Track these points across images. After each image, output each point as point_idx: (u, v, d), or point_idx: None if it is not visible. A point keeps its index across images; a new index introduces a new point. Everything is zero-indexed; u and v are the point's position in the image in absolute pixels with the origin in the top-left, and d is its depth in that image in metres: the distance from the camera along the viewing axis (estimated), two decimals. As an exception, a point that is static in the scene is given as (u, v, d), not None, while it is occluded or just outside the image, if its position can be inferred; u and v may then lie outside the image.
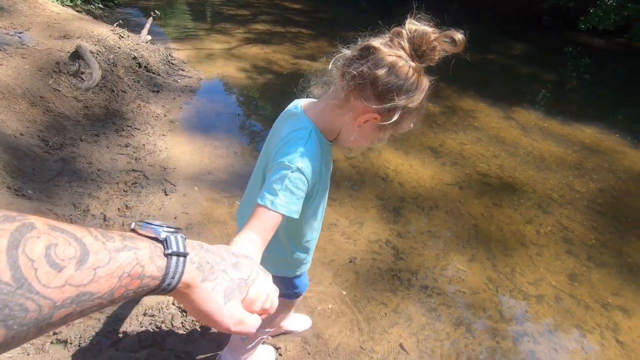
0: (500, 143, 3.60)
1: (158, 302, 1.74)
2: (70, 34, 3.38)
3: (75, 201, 2.19)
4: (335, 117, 0.90)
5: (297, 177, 0.83)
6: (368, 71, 0.81)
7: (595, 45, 7.80)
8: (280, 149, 0.88)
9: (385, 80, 0.80)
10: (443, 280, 2.10)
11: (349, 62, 0.85)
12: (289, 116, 0.99)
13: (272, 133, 1.05)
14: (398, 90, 0.81)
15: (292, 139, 0.88)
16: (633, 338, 1.91)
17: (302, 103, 0.99)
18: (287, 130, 0.92)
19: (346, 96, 0.85)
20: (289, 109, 1.02)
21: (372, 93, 0.82)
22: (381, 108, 0.82)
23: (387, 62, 0.80)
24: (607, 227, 2.65)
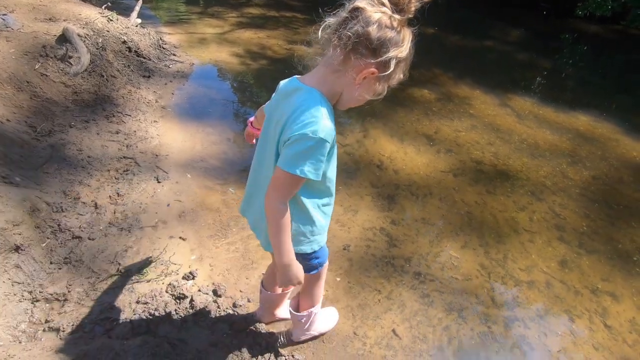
0: (495, 130, 3.60)
1: (151, 290, 1.73)
2: (57, 16, 3.27)
3: (66, 188, 2.15)
4: (335, 80, 0.98)
5: (322, 145, 0.94)
6: (361, 29, 0.88)
7: (592, 32, 7.75)
8: (295, 120, 0.94)
9: (377, 35, 0.89)
10: (436, 266, 2.12)
11: (340, 25, 0.92)
12: (290, 92, 1.02)
13: (274, 113, 1.06)
14: (390, 42, 0.90)
15: (306, 109, 0.94)
16: (621, 322, 1.94)
17: (297, 78, 1.05)
18: (297, 103, 0.97)
19: (344, 57, 0.93)
20: (285, 88, 1.06)
21: (367, 50, 0.90)
22: (378, 61, 0.91)
23: (376, 19, 0.88)
24: (599, 214, 2.68)
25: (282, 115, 1.01)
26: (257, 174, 1.17)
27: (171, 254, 1.95)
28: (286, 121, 0.98)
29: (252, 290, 1.83)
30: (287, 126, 0.97)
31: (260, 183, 1.15)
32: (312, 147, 0.93)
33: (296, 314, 1.47)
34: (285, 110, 1.00)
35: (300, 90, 1.00)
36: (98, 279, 1.75)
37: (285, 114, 0.99)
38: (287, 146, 0.96)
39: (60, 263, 1.78)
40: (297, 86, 1.01)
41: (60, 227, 1.93)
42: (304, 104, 0.96)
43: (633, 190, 2.97)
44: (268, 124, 1.10)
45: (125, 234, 2.00)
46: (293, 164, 0.94)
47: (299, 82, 1.02)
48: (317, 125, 0.92)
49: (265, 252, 2.04)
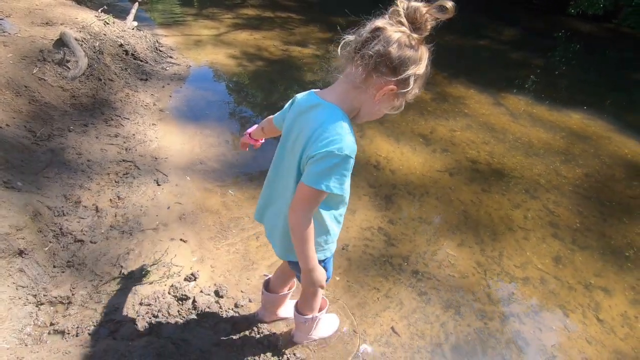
0: (489, 129, 3.65)
1: (154, 292, 1.76)
2: (54, 20, 3.28)
3: (66, 192, 2.17)
4: (356, 96, 1.01)
5: (347, 162, 0.98)
6: (382, 49, 0.91)
7: (585, 30, 7.84)
8: (319, 137, 0.97)
9: (397, 54, 0.92)
10: (433, 264, 2.16)
11: (362, 45, 0.94)
12: (310, 108, 1.04)
13: (292, 127, 1.08)
14: (409, 60, 0.93)
15: (329, 126, 0.97)
16: (613, 316, 2.00)
17: (315, 93, 1.06)
18: (319, 119, 1.00)
19: (366, 75, 0.96)
20: (304, 102, 1.07)
21: (388, 68, 0.94)
22: (398, 79, 0.95)
23: (396, 38, 0.92)
24: (592, 211, 2.73)
25: (302, 130, 1.03)
26: (274, 185, 1.20)
27: (172, 256, 1.97)
28: (309, 137, 1.00)
29: (253, 290, 1.87)
30: (310, 143, 0.99)
31: (277, 194, 1.18)
32: (338, 164, 0.97)
33: (300, 316, 1.50)
34: (307, 126, 1.02)
35: (320, 106, 1.02)
36: (101, 282, 1.77)
37: (307, 130, 1.01)
38: (312, 163, 0.98)
39: (63, 266, 1.81)
40: (318, 102, 1.03)
41: (62, 231, 1.95)
42: (326, 120, 0.98)
43: (624, 187, 3.03)
44: (286, 137, 1.11)
45: (126, 236, 2.03)
46: (319, 180, 0.97)
47: (318, 98, 1.04)
48: (342, 143, 0.96)
49: (265, 253, 2.08)
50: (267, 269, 1.99)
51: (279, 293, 1.58)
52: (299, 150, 1.03)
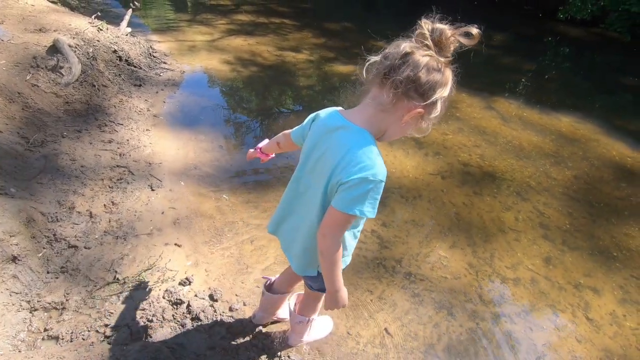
0: (481, 133, 3.70)
1: (149, 296, 1.77)
2: (47, 27, 3.29)
3: (60, 198, 2.17)
4: (383, 118, 1.00)
5: (380, 186, 0.99)
6: (412, 74, 0.91)
7: (573, 35, 7.98)
8: (351, 162, 0.97)
9: (426, 79, 0.92)
10: (426, 266, 2.19)
11: (390, 70, 0.93)
12: (336, 129, 1.03)
13: (316, 147, 1.07)
14: (437, 84, 0.94)
15: (361, 151, 0.97)
16: (602, 315, 2.03)
17: (340, 113, 1.06)
18: (349, 144, 0.99)
19: (396, 100, 0.95)
20: (329, 123, 1.06)
21: (417, 93, 0.94)
22: (427, 103, 0.95)
23: (424, 63, 0.91)
24: (581, 212, 2.78)
25: (327, 152, 1.03)
26: (294, 202, 1.20)
27: (167, 260, 1.98)
28: (338, 162, 0.99)
29: (247, 294, 1.88)
30: (340, 168, 0.98)
31: (295, 211, 1.20)
32: (372, 189, 0.97)
33: (297, 316, 1.52)
34: (333, 149, 1.02)
35: (348, 129, 1.01)
36: (95, 287, 1.77)
37: (335, 154, 1.00)
38: (345, 190, 0.98)
39: (57, 272, 1.81)
40: (344, 124, 1.02)
41: (56, 236, 1.95)
42: (356, 145, 0.98)
43: (612, 189, 3.09)
44: (307, 156, 1.11)
45: (120, 242, 2.03)
46: (352, 206, 0.97)
47: (344, 120, 1.03)
48: (375, 169, 0.96)
49: (259, 257, 2.09)
50: (262, 273, 2.00)
51: (284, 293, 1.60)
52: (326, 173, 1.03)
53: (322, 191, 1.05)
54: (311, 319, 1.54)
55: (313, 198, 1.10)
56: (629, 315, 2.05)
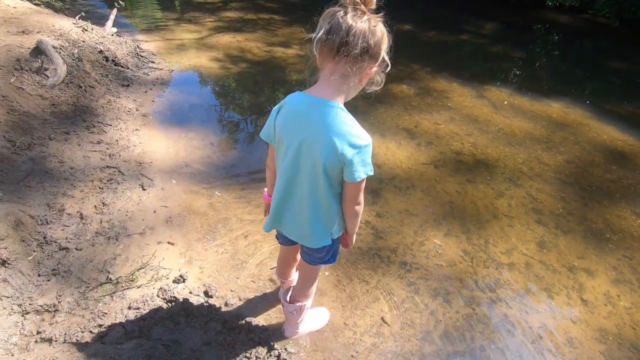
0: (473, 121, 3.70)
1: (142, 295, 1.75)
2: (30, 28, 3.23)
3: (49, 201, 2.14)
4: (347, 87, 1.09)
5: (371, 146, 1.10)
6: (364, 45, 0.99)
7: (562, 22, 8.00)
8: (345, 139, 1.06)
9: (374, 42, 1.01)
10: (421, 255, 2.19)
11: (342, 44, 0.99)
12: (309, 110, 1.09)
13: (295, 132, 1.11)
14: (380, 41, 1.03)
15: (345, 125, 1.07)
16: (596, 296, 2.05)
17: (306, 94, 1.11)
18: (328, 122, 1.07)
19: (353, 68, 1.03)
20: (299, 105, 1.12)
21: (369, 56, 1.03)
22: (378, 62, 1.06)
23: (367, 29, 0.99)
24: (573, 196, 2.80)
25: (313, 133, 1.08)
26: (289, 189, 1.22)
27: (160, 259, 1.97)
28: (331, 143, 1.06)
29: (242, 289, 1.87)
30: (337, 148, 1.06)
31: (295, 195, 1.23)
32: (369, 149, 1.10)
33: (288, 305, 1.53)
34: (318, 129, 1.07)
35: (321, 105, 1.07)
36: (88, 288, 1.76)
37: (323, 133, 1.07)
38: (353, 163, 1.08)
39: (48, 275, 1.78)
40: (314, 101, 1.08)
41: (46, 239, 1.92)
42: (339, 121, 1.07)
43: (604, 172, 3.11)
44: (289, 144, 1.14)
45: (112, 242, 2.01)
46: (363, 172, 1.10)
47: (314, 98, 1.08)
48: (363, 134, 1.08)
49: (254, 251, 2.08)
50: (257, 268, 1.99)
51: (291, 277, 1.72)
52: (318, 153, 1.09)
53: (322, 170, 1.11)
54: (304, 305, 1.53)
55: (310, 179, 1.16)
56: (622, 295, 2.07)
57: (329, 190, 1.17)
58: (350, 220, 1.28)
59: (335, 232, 1.29)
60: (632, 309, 2.00)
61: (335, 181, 1.17)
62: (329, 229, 1.27)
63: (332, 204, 1.21)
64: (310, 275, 1.50)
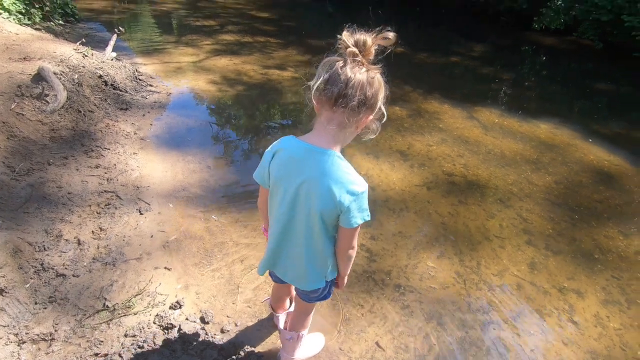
0: (464, 143, 3.80)
1: (139, 322, 1.76)
2: (31, 55, 3.31)
3: (47, 227, 2.17)
4: (343, 135, 1.13)
5: (367, 192, 1.14)
6: (362, 97, 1.03)
7: (548, 44, 8.29)
8: (342, 187, 1.10)
9: (371, 94, 1.04)
10: (414, 278, 2.23)
11: (340, 96, 1.02)
12: (304, 157, 1.11)
13: (291, 178, 1.14)
14: (377, 92, 1.06)
15: (343, 173, 1.11)
16: (586, 317, 2.09)
17: (302, 140, 1.13)
18: (325, 169, 1.10)
19: (351, 118, 1.06)
20: (295, 152, 1.13)
21: (367, 107, 1.06)
22: (375, 112, 1.10)
23: (365, 81, 1.02)
24: (562, 217, 2.87)
25: (308, 182, 1.11)
26: (285, 235, 1.25)
27: (157, 284, 1.98)
28: (328, 192, 1.09)
29: (239, 314, 1.89)
30: (334, 197, 1.09)
31: (291, 241, 1.26)
32: (364, 197, 1.13)
33: (285, 332, 1.57)
34: (313, 178, 1.10)
35: (318, 153, 1.10)
36: (85, 316, 1.76)
37: (317, 182, 1.10)
38: (349, 211, 1.11)
39: (45, 302, 1.79)
40: (311, 149, 1.10)
41: (44, 266, 1.94)
42: (335, 170, 1.10)
43: (591, 192, 3.19)
44: (285, 190, 1.16)
45: (109, 268, 2.03)
46: (359, 218, 1.14)
47: (311, 145, 1.11)
48: (359, 180, 1.12)
49: (250, 276, 2.11)
50: (253, 292, 2.01)
51: (286, 310, 1.77)
52: (315, 200, 1.12)
53: (318, 217, 1.15)
54: (301, 334, 1.56)
55: (306, 224, 1.19)
56: (612, 316, 2.11)
57: (324, 234, 1.20)
58: (343, 263, 1.32)
59: (329, 275, 1.32)
60: (621, 329, 2.04)
61: (331, 226, 1.19)
62: (323, 272, 1.31)
63: (327, 248, 1.24)
64: (307, 309, 1.54)
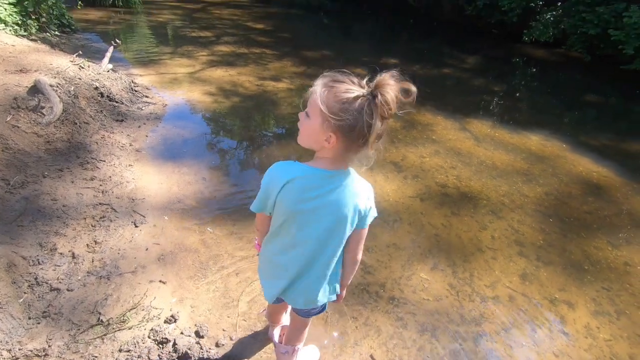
0: (456, 154, 3.86)
1: (134, 337, 1.76)
2: (28, 67, 3.33)
3: (42, 240, 2.16)
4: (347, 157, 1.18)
5: None
6: (380, 133, 1.11)
7: (538, 56, 8.48)
8: (366, 196, 1.23)
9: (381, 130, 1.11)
10: (408, 290, 2.25)
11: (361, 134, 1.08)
12: (327, 182, 1.16)
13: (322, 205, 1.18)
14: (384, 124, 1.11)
15: (363, 185, 1.23)
16: (577, 329, 2.12)
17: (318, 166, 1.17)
18: (351, 186, 1.19)
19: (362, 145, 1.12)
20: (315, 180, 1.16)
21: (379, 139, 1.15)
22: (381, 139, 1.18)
23: (383, 125, 1.09)
24: (553, 228, 2.92)
25: (338, 201, 1.17)
26: (314, 261, 1.27)
27: (152, 298, 1.98)
28: (357, 205, 1.20)
29: (234, 328, 1.89)
30: (361, 206, 1.20)
31: (317, 266, 1.29)
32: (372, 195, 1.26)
33: (280, 345, 1.59)
34: (345, 198, 1.18)
35: (335, 175, 1.16)
36: (79, 331, 1.76)
37: (351, 201, 1.18)
38: (369, 210, 1.24)
39: (39, 317, 1.79)
40: (326, 173, 1.15)
41: (38, 280, 1.93)
42: (353, 183, 1.19)
43: (581, 204, 3.26)
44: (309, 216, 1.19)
45: (104, 282, 2.03)
46: (374, 213, 1.26)
47: (325, 171, 1.15)
48: (366, 180, 1.24)
49: (245, 288, 2.12)
50: (248, 305, 2.02)
51: (281, 324, 1.78)
52: (350, 216, 1.20)
53: (344, 233, 1.23)
54: (297, 348, 1.58)
55: (334, 247, 1.25)
56: (602, 327, 2.14)
57: (341, 244, 1.27)
58: (351, 270, 1.37)
59: (338, 288, 1.37)
60: (611, 340, 2.07)
61: (347, 237, 1.27)
62: (336, 286, 1.36)
63: (341, 259, 1.33)
64: (304, 324, 1.56)
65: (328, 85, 1.05)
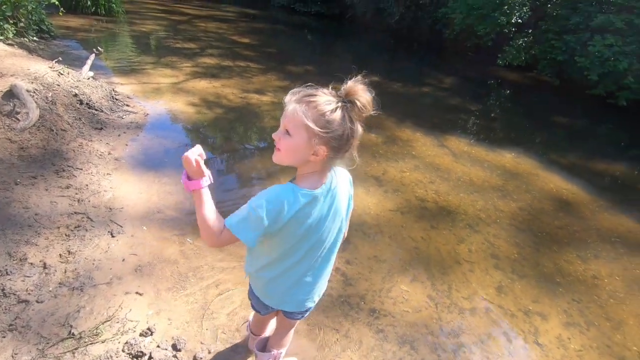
0: (435, 170, 3.98)
1: (107, 351, 1.70)
2: (4, 72, 3.24)
3: (11, 250, 2.07)
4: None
5: None
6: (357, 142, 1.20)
7: (512, 79, 8.92)
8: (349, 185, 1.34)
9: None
10: (389, 302, 2.27)
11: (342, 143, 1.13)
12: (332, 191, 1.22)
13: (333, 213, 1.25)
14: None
15: (343, 175, 1.30)
16: (550, 339, 2.19)
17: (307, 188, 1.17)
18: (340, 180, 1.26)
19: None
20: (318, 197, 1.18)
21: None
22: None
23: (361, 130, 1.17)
24: (527, 242, 3.03)
25: (339, 203, 1.25)
26: (328, 261, 1.36)
27: (127, 310, 1.92)
28: (347, 196, 1.32)
29: (212, 341, 1.85)
30: (350, 192, 1.34)
31: (329, 266, 1.39)
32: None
33: (263, 354, 1.58)
34: (341, 198, 1.25)
35: (332, 184, 1.22)
36: (48, 344, 1.68)
37: (342, 196, 1.27)
38: (352, 192, 1.36)
39: (4, 331, 1.69)
40: (329, 188, 1.21)
41: (5, 291, 1.84)
42: (339, 176, 1.26)
43: (553, 219, 3.40)
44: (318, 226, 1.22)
45: (77, 293, 1.95)
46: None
47: (327, 186, 1.20)
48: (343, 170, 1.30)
49: (224, 301, 2.08)
50: (227, 318, 1.99)
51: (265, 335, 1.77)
52: (347, 208, 1.33)
53: (346, 220, 1.35)
54: (280, 352, 1.60)
55: (337, 239, 1.33)
56: (572, 338, 2.22)
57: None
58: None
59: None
60: (581, 351, 2.15)
61: None
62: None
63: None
64: (291, 325, 1.59)
65: (304, 101, 1.05)
